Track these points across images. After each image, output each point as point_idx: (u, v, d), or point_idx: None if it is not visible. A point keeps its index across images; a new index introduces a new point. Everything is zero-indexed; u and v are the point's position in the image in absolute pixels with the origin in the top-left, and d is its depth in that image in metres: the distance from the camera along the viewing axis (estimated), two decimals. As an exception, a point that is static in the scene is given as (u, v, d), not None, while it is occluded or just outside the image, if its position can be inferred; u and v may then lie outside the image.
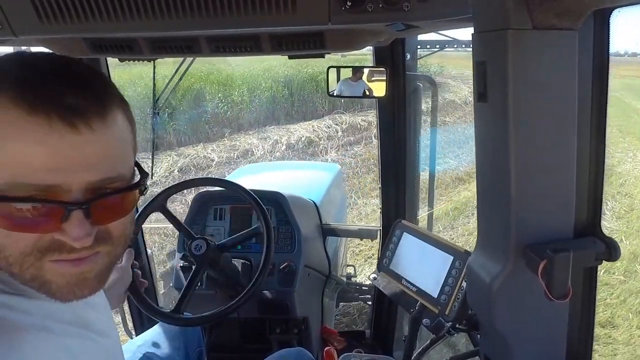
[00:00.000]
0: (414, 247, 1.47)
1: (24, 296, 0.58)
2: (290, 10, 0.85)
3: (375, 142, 1.78)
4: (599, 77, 0.77)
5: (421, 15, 0.85)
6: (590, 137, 0.80)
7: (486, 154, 0.78)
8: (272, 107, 9.17)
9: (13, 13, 0.88)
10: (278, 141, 8.03)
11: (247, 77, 9.62)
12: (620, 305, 3.56)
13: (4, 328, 0.53)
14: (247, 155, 7.54)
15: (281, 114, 9.23)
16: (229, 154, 7.51)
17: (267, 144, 7.92)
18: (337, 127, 8.53)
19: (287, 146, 7.88)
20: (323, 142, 8.06)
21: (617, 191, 6.19)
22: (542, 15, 0.64)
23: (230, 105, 8.95)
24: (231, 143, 7.97)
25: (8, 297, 0.57)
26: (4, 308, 0.55)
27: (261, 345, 1.96)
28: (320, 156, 7.50)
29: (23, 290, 0.58)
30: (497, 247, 0.79)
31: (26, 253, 0.52)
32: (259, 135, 8.23)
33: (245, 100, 9.04)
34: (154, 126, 2.16)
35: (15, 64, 0.52)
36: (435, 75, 11.33)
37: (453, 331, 1.28)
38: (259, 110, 9.12)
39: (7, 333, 0.53)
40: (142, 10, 0.85)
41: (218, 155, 7.45)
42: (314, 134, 8.25)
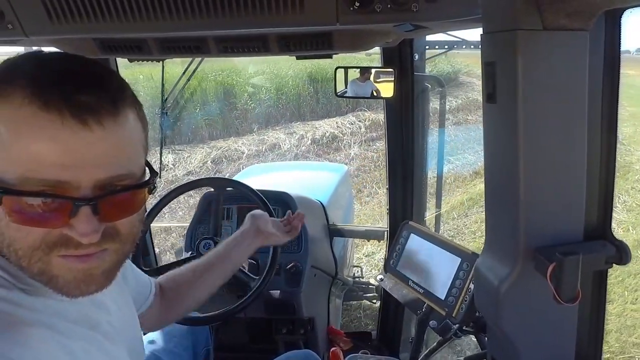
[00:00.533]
0: (421, 248, 1.47)
1: (32, 293, 0.58)
2: (298, 10, 0.85)
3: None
4: (609, 78, 0.77)
5: (430, 16, 0.84)
6: (600, 139, 0.79)
7: (495, 156, 0.78)
8: (297, 104, 9.56)
9: (24, 14, 0.89)
10: (304, 136, 8.38)
11: (274, 76, 10.09)
12: (617, 284, 3.87)
13: (9, 323, 0.53)
14: (274, 149, 7.90)
15: (306, 111, 9.52)
16: (258, 147, 7.88)
17: (293, 138, 8.27)
18: (360, 123, 8.81)
19: (312, 141, 8.23)
20: (346, 137, 8.40)
21: (631, 186, 6.33)
22: (553, 16, 0.64)
23: (258, 102, 9.33)
24: (260, 137, 8.34)
25: (17, 293, 0.57)
26: (11, 304, 0.56)
27: (267, 346, 1.96)
28: (344, 150, 7.93)
29: (32, 286, 0.58)
30: (506, 250, 0.78)
31: (34, 247, 0.53)
32: (286, 131, 8.58)
33: (273, 98, 9.41)
34: (162, 126, 2.18)
35: (31, 61, 0.53)
36: (461, 74, 11.87)
37: (460, 333, 1.27)
38: (285, 107, 9.44)
39: (12, 328, 0.53)
40: (151, 11, 0.85)
41: (248, 148, 7.83)
42: (338, 130, 8.61)
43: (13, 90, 0.50)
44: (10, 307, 0.55)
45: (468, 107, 10.16)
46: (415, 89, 1.79)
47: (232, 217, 1.93)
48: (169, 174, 6.92)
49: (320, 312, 2.02)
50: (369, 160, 7.34)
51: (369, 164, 7.15)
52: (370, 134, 8.50)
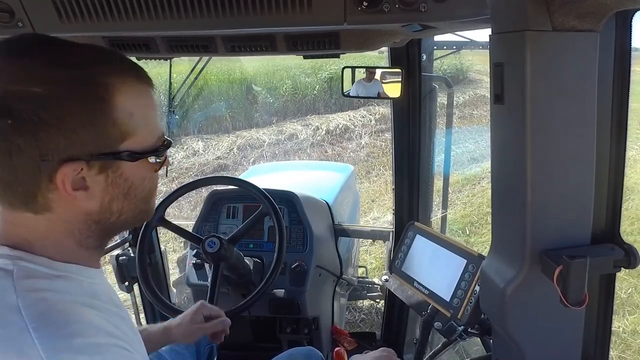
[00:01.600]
0: (426, 249, 1.46)
1: (68, 279, 0.62)
2: (306, 10, 0.85)
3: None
4: (619, 80, 0.76)
5: (438, 16, 0.84)
6: (610, 142, 0.78)
7: (502, 157, 0.77)
8: (313, 99, 10.41)
9: (34, 12, 0.90)
10: (319, 127, 9.22)
11: (292, 72, 10.92)
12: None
13: (55, 307, 0.57)
14: (292, 138, 8.80)
15: (321, 105, 10.33)
16: (277, 137, 8.78)
17: (309, 129, 9.13)
18: (371, 117, 9.57)
19: (326, 131, 9.08)
20: (358, 129, 9.19)
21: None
22: (563, 17, 0.63)
23: (276, 97, 10.27)
24: (279, 128, 9.22)
25: (57, 282, 0.61)
26: (56, 292, 0.60)
27: (271, 344, 1.96)
28: (355, 140, 8.83)
29: (66, 272, 0.63)
30: (512, 252, 0.77)
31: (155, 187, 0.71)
32: (302, 123, 9.47)
33: (290, 92, 10.29)
34: (168, 124, 2.18)
35: (102, 51, 0.63)
36: (471, 71, 12.59)
37: (465, 335, 1.27)
38: (301, 101, 10.33)
39: (59, 310, 0.57)
40: (159, 10, 0.86)
41: (268, 138, 8.73)
42: (350, 122, 9.41)
43: (118, 74, 0.60)
44: (57, 295, 0.59)
45: (474, 102, 10.91)
46: (423, 89, 1.79)
47: (237, 216, 1.94)
48: (201, 158, 7.87)
49: (324, 312, 2.02)
50: (377, 148, 8.28)
51: (378, 151, 8.12)
52: (379, 125, 9.20)
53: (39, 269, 0.60)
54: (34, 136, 0.54)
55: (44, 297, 0.58)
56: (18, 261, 0.59)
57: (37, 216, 0.60)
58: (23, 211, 0.60)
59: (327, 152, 8.52)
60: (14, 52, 0.56)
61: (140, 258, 1.54)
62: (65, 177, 0.57)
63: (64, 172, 0.57)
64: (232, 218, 1.94)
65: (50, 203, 0.59)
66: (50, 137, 0.55)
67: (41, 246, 0.62)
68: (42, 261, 0.61)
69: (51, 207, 0.60)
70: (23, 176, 0.56)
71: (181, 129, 8.26)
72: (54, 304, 0.57)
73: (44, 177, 0.57)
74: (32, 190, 0.58)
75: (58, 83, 0.55)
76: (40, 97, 0.54)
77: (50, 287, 0.59)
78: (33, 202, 0.58)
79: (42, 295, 0.58)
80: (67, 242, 0.64)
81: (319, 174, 3.18)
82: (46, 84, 0.54)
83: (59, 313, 0.57)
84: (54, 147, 0.55)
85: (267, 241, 1.86)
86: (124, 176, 0.63)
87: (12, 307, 0.55)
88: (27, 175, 0.56)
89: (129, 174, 0.63)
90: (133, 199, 0.66)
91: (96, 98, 0.57)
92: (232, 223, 1.92)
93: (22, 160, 0.55)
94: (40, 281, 0.59)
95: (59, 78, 0.55)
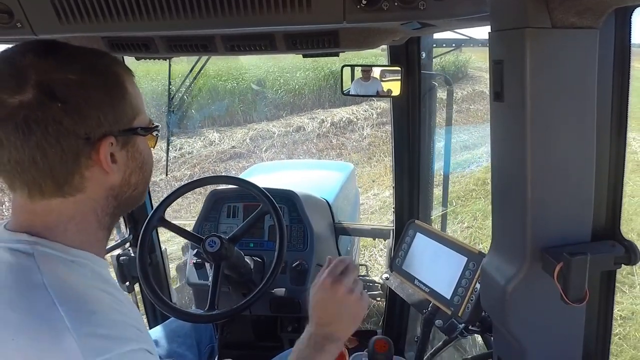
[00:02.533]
0: (427, 247, 1.46)
1: (79, 264, 0.67)
2: (305, 9, 0.85)
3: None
4: (619, 77, 0.76)
5: (437, 14, 0.84)
6: (610, 138, 0.78)
7: (502, 154, 0.77)
8: (318, 94, 11.20)
9: (33, 12, 0.90)
10: (324, 120, 10.07)
11: (299, 70, 11.57)
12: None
13: (76, 286, 0.63)
14: (300, 130, 9.65)
15: (326, 100, 11.12)
16: (286, 129, 9.62)
17: (315, 122, 9.99)
18: (373, 111, 10.37)
19: (331, 124, 9.93)
20: (360, 121, 10.04)
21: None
22: (562, 14, 0.63)
23: (284, 92, 11.09)
24: (287, 121, 10.05)
25: (65, 266, 0.66)
26: (68, 274, 0.65)
27: (273, 343, 1.96)
28: (358, 132, 9.68)
29: (77, 257, 0.68)
30: (513, 249, 0.77)
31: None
32: (309, 116, 10.35)
33: (297, 89, 11.10)
34: (168, 124, 2.18)
35: (100, 50, 0.72)
36: (471, 68, 13.22)
37: (466, 333, 1.27)
38: (307, 97, 11.16)
39: (80, 290, 0.63)
40: (158, 10, 0.86)
41: (278, 130, 9.52)
42: (353, 116, 10.27)
43: (121, 66, 0.71)
44: (76, 278, 0.65)
45: (472, 97, 11.60)
46: (422, 87, 1.78)
47: (238, 215, 1.94)
48: (218, 147, 8.68)
49: None
50: (378, 139, 9.17)
51: (378, 141, 9.04)
52: (380, 119, 9.96)
53: (56, 254, 0.66)
54: (80, 115, 0.63)
55: (65, 277, 0.64)
56: (36, 246, 0.65)
57: (66, 199, 0.67)
58: (53, 197, 0.66)
59: (332, 142, 9.28)
60: (42, 51, 0.64)
61: (141, 258, 1.54)
62: (106, 152, 0.66)
63: (104, 147, 0.66)
64: (232, 217, 1.94)
65: (85, 182, 0.67)
66: (91, 115, 0.64)
67: (63, 230, 0.68)
68: (58, 247, 0.66)
69: (84, 186, 0.67)
70: (67, 157, 0.63)
71: (197, 122, 9.30)
72: (74, 285, 0.64)
73: (84, 155, 0.65)
74: (73, 170, 0.65)
75: (84, 71, 0.65)
76: (77, 82, 0.63)
77: (68, 270, 0.65)
78: (70, 182, 0.66)
79: (63, 276, 0.64)
80: (89, 221, 0.71)
81: (319, 173, 3.18)
82: (77, 73, 0.64)
83: (80, 292, 0.63)
84: (94, 124, 0.64)
85: (267, 240, 1.86)
86: (139, 150, 0.73)
87: (39, 285, 0.60)
88: (72, 155, 0.64)
89: (142, 148, 0.74)
90: (145, 172, 0.76)
91: (115, 83, 0.68)
92: (232, 222, 1.92)
93: (69, 141, 0.63)
94: (59, 265, 0.65)
95: (83, 68, 0.65)
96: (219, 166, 8.12)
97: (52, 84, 0.61)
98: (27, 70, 0.61)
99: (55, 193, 0.66)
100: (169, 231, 1.61)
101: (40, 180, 0.64)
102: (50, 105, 0.60)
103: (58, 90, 0.61)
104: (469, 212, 5.44)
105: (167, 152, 2.33)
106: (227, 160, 8.37)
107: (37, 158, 0.62)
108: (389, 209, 5.24)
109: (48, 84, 0.61)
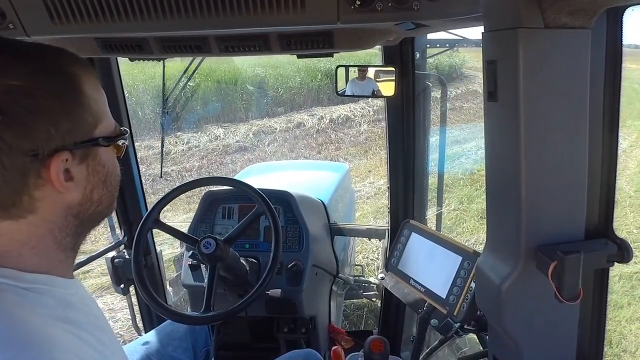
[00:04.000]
0: (422, 247, 1.47)
1: (35, 291, 0.59)
2: (299, 9, 0.85)
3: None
4: (611, 76, 0.76)
5: (431, 14, 0.84)
6: (602, 137, 0.78)
7: (496, 154, 0.78)
8: (317, 92, 11.59)
9: (25, 13, 0.90)
10: (323, 117, 10.49)
11: (300, 69, 11.90)
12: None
13: (22, 326, 0.55)
14: (300, 127, 10.07)
15: (324, 98, 11.48)
16: (287, 125, 10.05)
17: (314, 119, 10.39)
18: (370, 108, 10.82)
19: (330, 120, 10.36)
20: (358, 118, 10.51)
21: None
22: (555, 14, 0.64)
23: (285, 90, 11.42)
24: (287, 118, 10.47)
25: (17, 297, 0.57)
26: (16, 307, 0.56)
27: (269, 345, 1.96)
28: (355, 127, 10.13)
29: (33, 283, 0.60)
30: (507, 248, 0.78)
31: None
32: (308, 113, 10.76)
33: (297, 87, 11.48)
34: (163, 125, 2.17)
35: (56, 47, 0.63)
36: (465, 67, 13.78)
37: (461, 332, 1.27)
38: (307, 95, 11.52)
39: (25, 330, 0.54)
40: (152, 11, 0.85)
41: (279, 126, 9.94)
42: (351, 113, 10.73)
43: (78, 65, 0.62)
44: (26, 312, 0.56)
45: (465, 96, 12.16)
46: (417, 87, 1.79)
47: (233, 216, 1.93)
48: (223, 141, 8.99)
49: (321, 311, 2.02)
50: (374, 134, 9.64)
51: (375, 136, 9.50)
52: (377, 116, 10.43)
53: (5, 282, 0.57)
54: (24, 128, 0.54)
55: (15, 312, 0.55)
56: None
57: (17, 222, 0.59)
58: (1, 220, 0.58)
59: (331, 137, 9.60)
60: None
61: (135, 260, 1.53)
62: (58, 169, 0.57)
63: (56, 163, 0.57)
64: (227, 218, 1.93)
65: (35, 202, 0.58)
66: (38, 127, 0.55)
67: (17, 255, 0.60)
68: (9, 273, 0.58)
69: (35, 207, 0.59)
70: (11, 176, 0.55)
71: (201, 119, 9.60)
72: (22, 322, 0.55)
73: (32, 174, 0.56)
74: (19, 190, 0.56)
75: (31, 75, 0.56)
76: (20, 89, 0.54)
77: (20, 302, 0.57)
78: (18, 204, 0.57)
79: (13, 310, 0.55)
80: (46, 244, 0.62)
81: (314, 174, 3.18)
82: (21, 77, 0.55)
83: (28, 332, 0.54)
84: (43, 138, 0.56)
85: (263, 241, 1.86)
86: (101, 163, 0.65)
87: None
88: (16, 174, 0.55)
89: (105, 160, 0.66)
90: (109, 186, 0.68)
91: (69, 87, 0.59)
92: (227, 223, 1.92)
93: (12, 158, 0.54)
94: (8, 295, 0.57)
95: (30, 70, 0.56)
96: (226, 158, 8.39)
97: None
98: None
99: (3, 216, 0.58)
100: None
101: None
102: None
103: (0, 99, 0.53)
104: (456, 197, 5.97)
105: (162, 154, 2.32)
106: (232, 153, 8.64)
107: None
108: (383, 195, 5.90)
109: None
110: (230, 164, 8.04)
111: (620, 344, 3.21)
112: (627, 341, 3.24)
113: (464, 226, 5.13)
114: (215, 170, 7.84)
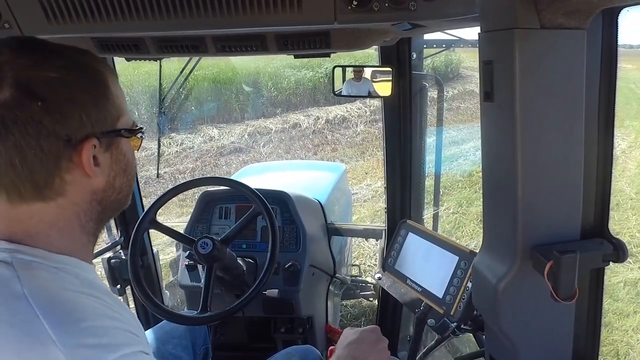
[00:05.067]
0: (419, 247, 1.47)
1: (63, 270, 0.64)
2: (296, 9, 0.85)
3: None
4: (607, 77, 0.77)
5: (427, 15, 0.84)
6: (598, 138, 0.79)
7: (492, 154, 0.78)
8: (313, 92, 11.40)
9: (21, 13, 0.89)
10: (319, 117, 10.33)
11: (295, 69, 11.77)
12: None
13: (59, 295, 0.60)
14: (296, 127, 9.97)
15: (321, 98, 11.29)
16: (283, 125, 9.95)
17: (310, 119, 10.24)
18: (366, 109, 10.68)
19: (326, 121, 10.21)
20: (354, 119, 10.38)
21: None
22: (551, 15, 0.64)
23: (280, 91, 11.27)
24: (283, 119, 10.31)
25: (48, 273, 0.62)
26: (50, 281, 0.61)
27: (266, 344, 1.96)
28: (352, 128, 10.03)
29: (61, 264, 0.65)
30: (503, 248, 0.78)
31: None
32: (304, 114, 10.62)
33: (292, 87, 11.27)
34: (159, 125, 2.17)
35: (80, 48, 0.69)
36: (462, 67, 13.64)
37: (458, 332, 1.28)
38: (303, 95, 11.35)
39: (63, 298, 0.60)
40: (148, 10, 0.85)
41: (275, 126, 9.84)
42: (347, 113, 10.58)
43: (102, 64, 0.68)
44: (59, 285, 0.62)
45: (462, 96, 12.03)
46: (413, 87, 1.79)
47: (230, 217, 1.93)
48: (217, 142, 8.88)
49: (318, 311, 2.02)
50: (371, 135, 9.50)
51: (371, 137, 9.36)
52: (373, 116, 10.21)
53: (37, 261, 0.62)
54: (61, 115, 0.60)
55: (47, 286, 0.60)
56: (16, 254, 0.62)
57: (47, 204, 0.64)
58: (32, 202, 0.63)
59: (328, 138, 9.54)
60: (19, 47, 0.62)
61: (132, 260, 1.53)
62: (88, 154, 0.63)
63: (87, 149, 0.63)
64: (224, 219, 1.93)
65: (65, 185, 0.64)
66: (73, 115, 0.61)
67: (45, 236, 0.64)
68: (39, 253, 0.63)
69: (65, 190, 0.64)
70: (47, 159, 0.61)
71: (196, 119, 9.46)
72: (58, 293, 0.60)
73: (65, 157, 0.62)
74: (53, 172, 0.62)
75: (65, 69, 0.62)
76: (58, 80, 0.61)
77: (51, 278, 0.62)
78: (50, 186, 0.62)
79: (46, 284, 0.60)
80: (72, 227, 0.67)
81: (311, 174, 3.18)
82: (58, 71, 0.61)
83: (64, 301, 0.59)
84: (76, 125, 0.62)
85: (260, 241, 1.86)
86: (122, 152, 0.71)
87: (19, 296, 0.57)
88: (51, 157, 0.61)
89: (125, 150, 0.72)
90: (128, 174, 0.74)
91: (98, 81, 0.66)
92: (224, 224, 1.91)
93: (50, 142, 0.60)
94: (41, 272, 0.62)
95: (65, 65, 0.63)
96: (220, 160, 8.31)
97: (30, 81, 0.58)
98: (3, 68, 0.58)
99: (36, 197, 0.63)
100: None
101: (20, 183, 0.61)
102: (29, 104, 0.58)
103: (37, 88, 0.58)
104: (455, 200, 5.82)
105: (159, 154, 2.32)
106: (227, 155, 8.55)
107: (16, 160, 0.59)
108: (380, 198, 5.73)
109: (26, 81, 0.58)
110: (224, 166, 7.99)
111: (628, 354, 3.06)
112: (635, 352, 3.08)
113: (463, 230, 4.99)
114: (210, 172, 7.76)
